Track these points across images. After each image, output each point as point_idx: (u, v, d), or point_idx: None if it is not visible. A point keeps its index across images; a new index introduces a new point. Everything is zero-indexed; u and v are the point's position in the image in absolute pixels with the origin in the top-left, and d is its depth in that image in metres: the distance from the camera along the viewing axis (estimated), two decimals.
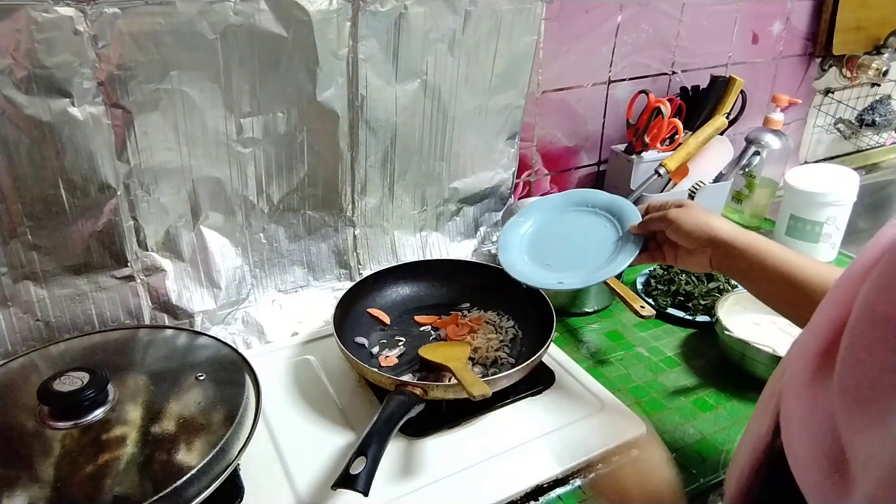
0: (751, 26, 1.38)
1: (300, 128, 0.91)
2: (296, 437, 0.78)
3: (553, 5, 1.08)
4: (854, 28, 1.49)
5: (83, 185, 0.80)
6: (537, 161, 1.23)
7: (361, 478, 0.61)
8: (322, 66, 0.87)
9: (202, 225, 0.91)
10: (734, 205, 1.40)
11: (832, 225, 1.19)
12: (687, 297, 1.04)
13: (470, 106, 1.04)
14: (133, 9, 0.73)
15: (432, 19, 0.92)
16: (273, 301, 1.01)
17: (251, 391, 0.72)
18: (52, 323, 0.85)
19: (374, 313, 0.97)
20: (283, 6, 0.81)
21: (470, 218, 1.17)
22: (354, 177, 1.00)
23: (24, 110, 0.72)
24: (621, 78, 1.24)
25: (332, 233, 1.03)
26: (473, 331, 0.92)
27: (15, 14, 0.68)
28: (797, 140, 1.65)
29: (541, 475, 0.72)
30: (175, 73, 0.79)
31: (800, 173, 1.21)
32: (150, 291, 0.90)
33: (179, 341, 0.81)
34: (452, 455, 0.75)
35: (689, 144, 1.17)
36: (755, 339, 0.89)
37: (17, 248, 0.80)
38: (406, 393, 0.73)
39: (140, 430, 0.65)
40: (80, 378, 0.65)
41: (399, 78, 0.95)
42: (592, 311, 1.06)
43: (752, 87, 1.32)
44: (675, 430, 0.82)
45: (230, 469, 0.63)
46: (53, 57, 0.71)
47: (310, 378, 0.88)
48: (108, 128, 0.78)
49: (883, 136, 1.76)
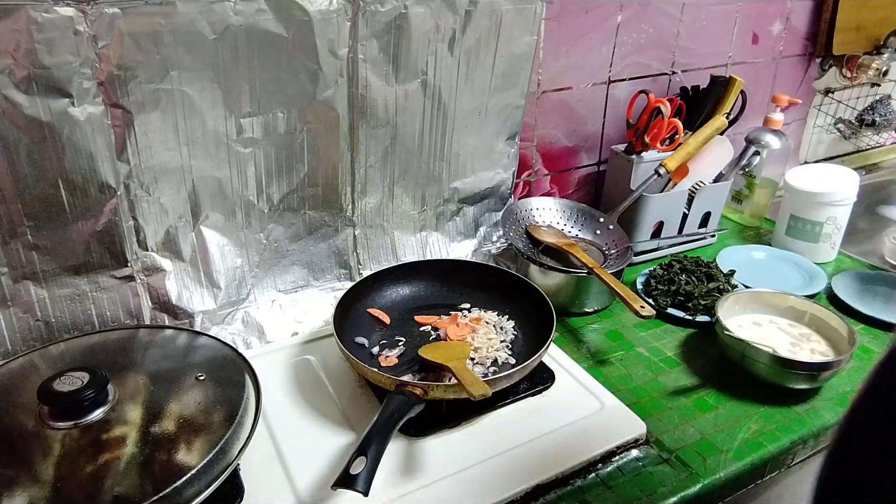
0: (751, 26, 1.38)
1: (300, 128, 0.91)
2: (296, 437, 0.78)
3: (553, 5, 1.08)
4: (854, 28, 1.49)
5: (83, 185, 0.80)
6: (537, 161, 1.23)
7: (361, 478, 0.61)
8: (322, 66, 0.87)
9: (202, 225, 0.91)
10: (734, 205, 1.40)
11: (832, 225, 1.19)
12: (687, 297, 1.04)
13: (470, 106, 1.04)
14: (133, 9, 0.73)
15: (432, 19, 0.93)
16: (273, 301, 1.01)
17: (251, 391, 0.72)
18: (52, 323, 0.85)
19: (374, 313, 0.97)
20: (283, 6, 0.81)
21: (470, 218, 1.17)
22: (354, 177, 1.00)
23: (24, 110, 0.72)
24: (621, 78, 1.24)
25: (332, 233, 1.03)
26: (473, 331, 0.92)
27: (15, 14, 0.68)
28: (797, 140, 1.65)
29: (541, 475, 0.72)
30: (175, 73, 0.79)
31: (800, 173, 1.21)
32: (150, 291, 0.90)
33: (179, 341, 0.81)
34: (452, 455, 0.75)
35: (689, 144, 1.17)
36: (755, 339, 0.89)
37: (17, 248, 0.80)
38: (406, 393, 0.73)
39: (140, 430, 0.65)
40: (80, 378, 0.65)
41: (399, 78, 0.95)
42: (592, 311, 1.06)
43: (752, 87, 1.33)
44: (675, 430, 0.82)
45: (230, 469, 0.63)
46: (53, 57, 0.71)
47: (310, 378, 0.88)
48: (108, 128, 0.78)
49: (883, 136, 1.76)
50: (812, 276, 1.14)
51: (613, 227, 1.16)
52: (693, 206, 1.20)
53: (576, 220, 1.19)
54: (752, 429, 0.82)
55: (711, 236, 1.28)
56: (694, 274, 1.08)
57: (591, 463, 0.75)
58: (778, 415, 0.84)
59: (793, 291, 1.03)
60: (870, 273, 1.16)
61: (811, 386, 0.87)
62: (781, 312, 0.98)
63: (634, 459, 0.77)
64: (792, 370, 0.85)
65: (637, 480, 0.74)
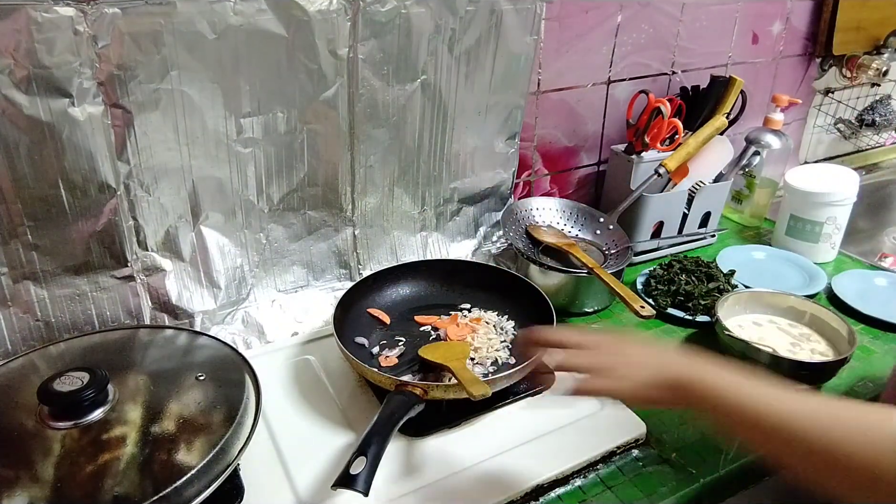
0: (751, 26, 1.38)
1: (300, 128, 0.91)
2: (296, 437, 0.78)
3: (553, 5, 1.08)
4: (854, 28, 1.49)
5: (83, 185, 0.80)
6: (537, 161, 1.23)
7: (361, 478, 0.61)
8: (322, 66, 0.87)
9: (202, 225, 0.91)
10: (734, 205, 1.40)
11: (832, 225, 1.19)
12: (687, 297, 1.04)
13: (470, 106, 1.04)
14: (133, 9, 0.73)
15: (432, 19, 0.93)
16: (273, 301, 1.01)
17: (251, 391, 0.72)
18: (52, 323, 0.85)
19: (374, 313, 0.97)
20: (283, 6, 0.81)
21: (470, 218, 1.17)
22: (354, 177, 1.00)
23: (24, 110, 0.72)
24: (621, 78, 1.24)
25: (332, 233, 1.03)
26: (473, 331, 0.92)
27: (15, 14, 0.68)
28: (797, 140, 1.65)
29: (541, 475, 0.72)
30: (175, 73, 0.79)
31: (800, 173, 1.21)
32: (150, 291, 0.90)
33: (179, 341, 0.81)
34: (452, 455, 0.75)
35: (689, 144, 1.17)
36: (755, 339, 0.89)
37: (17, 248, 0.80)
38: (406, 393, 0.73)
39: (140, 430, 0.65)
40: (80, 378, 0.65)
41: (399, 78, 0.95)
42: (592, 311, 1.06)
43: (752, 87, 1.32)
44: (675, 430, 0.81)
45: (230, 469, 0.63)
46: (53, 57, 0.71)
47: (310, 378, 0.88)
48: (108, 128, 0.78)
49: (883, 136, 1.76)
50: (812, 276, 1.14)
51: (613, 227, 1.16)
52: (693, 206, 1.20)
53: (576, 220, 1.19)
54: None
55: (711, 236, 1.28)
56: (694, 274, 1.08)
57: (591, 463, 0.75)
58: None
59: (793, 291, 1.03)
60: (870, 273, 1.16)
61: (811, 386, 0.87)
62: (781, 312, 0.98)
63: (634, 459, 0.77)
64: (792, 370, 0.85)
65: (637, 480, 0.74)
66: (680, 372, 0.58)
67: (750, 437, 0.55)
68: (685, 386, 0.56)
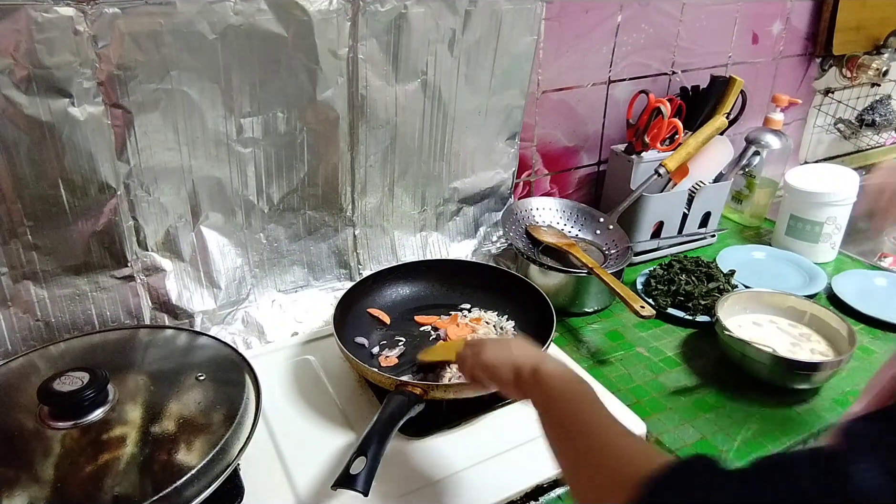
0: (751, 26, 1.38)
1: (300, 128, 0.91)
2: (296, 437, 0.78)
3: (553, 5, 1.08)
4: (854, 28, 1.49)
5: (83, 185, 0.80)
6: (537, 161, 1.23)
7: (361, 478, 0.61)
8: (322, 66, 0.87)
9: (202, 225, 0.91)
10: (734, 205, 1.40)
11: (832, 225, 1.19)
12: (687, 297, 1.04)
13: (470, 106, 1.04)
14: (133, 9, 0.73)
15: (432, 19, 0.93)
16: (273, 301, 1.01)
17: (251, 391, 0.72)
18: (52, 323, 0.85)
19: (374, 313, 0.97)
20: (283, 6, 0.81)
21: (470, 218, 1.17)
22: (354, 177, 1.00)
23: (24, 110, 0.72)
24: (621, 78, 1.24)
25: (331, 233, 1.03)
26: (473, 331, 0.92)
27: (15, 14, 0.68)
28: (797, 140, 1.65)
29: (541, 475, 0.72)
30: (175, 73, 0.79)
31: (800, 173, 1.21)
32: (150, 291, 0.90)
33: (179, 341, 0.81)
34: (452, 455, 0.75)
35: (689, 144, 1.17)
36: (755, 339, 0.89)
37: (17, 248, 0.80)
38: (406, 393, 0.73)
39: (140, 430, 0.65)
40: (80, 378, 0.65)
41: (399, 78, 0.95)
42: (592, 311, 1.06)
43: (752, 87, 1.32)
44: (675, 430, 0.81)
45: (230, 469, 0.63)
46: (53, 57, 0.71)
47: (310, 378, 0.88)
48: (108, 128, 0.78)
49: (883, 136, 1.76)
50: (812, 276, 1.14)
51: (613, 227, 1.16)
52: (693, 206, 1.20)
53: (576, 220, 1.19)
54: (751, 429, 0.82)
55: (711, 236, 1.28)
56: (694, 274, 1.08)
57: None
58: (778, 415, 0.84)
59: (793, 291, 1.03)
60: (870, 273, 1.16)
61: (811, 386, 0.87)
62: (781, 312, 0.98)
63: None
64: (792, 370, 0.85)
65: None
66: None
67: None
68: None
